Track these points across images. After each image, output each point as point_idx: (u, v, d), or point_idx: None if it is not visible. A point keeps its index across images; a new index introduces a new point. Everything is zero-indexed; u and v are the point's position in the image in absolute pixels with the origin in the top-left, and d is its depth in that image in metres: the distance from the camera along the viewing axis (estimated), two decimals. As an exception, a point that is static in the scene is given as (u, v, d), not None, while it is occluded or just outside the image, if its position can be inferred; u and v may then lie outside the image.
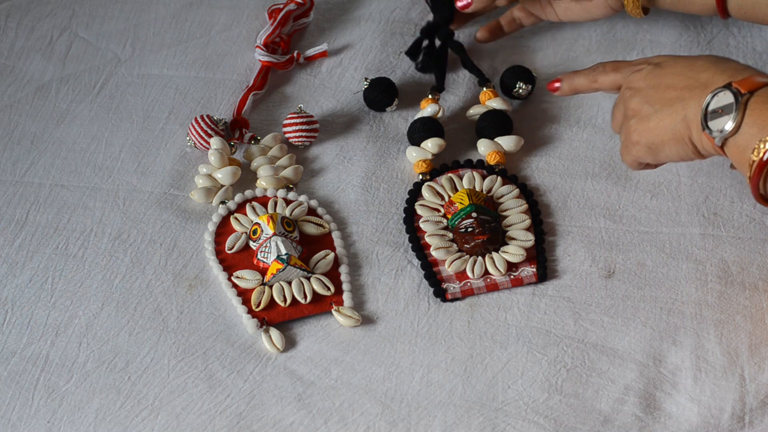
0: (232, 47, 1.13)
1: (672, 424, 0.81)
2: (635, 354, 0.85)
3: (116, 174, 1.01)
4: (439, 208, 0.96)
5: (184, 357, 0.86)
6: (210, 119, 1.02)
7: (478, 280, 0.91)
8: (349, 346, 0.87)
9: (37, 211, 0.97)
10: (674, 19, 1.13)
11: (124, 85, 1.10)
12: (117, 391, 0.84)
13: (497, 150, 1.00)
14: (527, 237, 0.93)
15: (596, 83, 0.92)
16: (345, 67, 1.11)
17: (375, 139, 1.03)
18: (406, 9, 1.16)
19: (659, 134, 0.82)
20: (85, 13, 1.18)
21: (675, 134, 0.81)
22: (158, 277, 0.92)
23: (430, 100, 1.04)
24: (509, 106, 1.03)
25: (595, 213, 0.95)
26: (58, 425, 0.82)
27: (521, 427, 0.81)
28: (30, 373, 0.86)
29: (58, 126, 1.06)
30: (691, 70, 0.81)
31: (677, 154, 0.82)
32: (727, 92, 0.77)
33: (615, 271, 0.91)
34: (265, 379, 0.85)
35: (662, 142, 0.82)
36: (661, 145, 0.83)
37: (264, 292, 0.90)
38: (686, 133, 0.80)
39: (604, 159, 1.00)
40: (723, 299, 0.88)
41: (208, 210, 0.97)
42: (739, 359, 0.84)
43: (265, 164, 1.00)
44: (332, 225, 0.96)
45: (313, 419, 0.82)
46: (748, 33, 1.11)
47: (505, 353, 0.85)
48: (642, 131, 0.83)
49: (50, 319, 0.89)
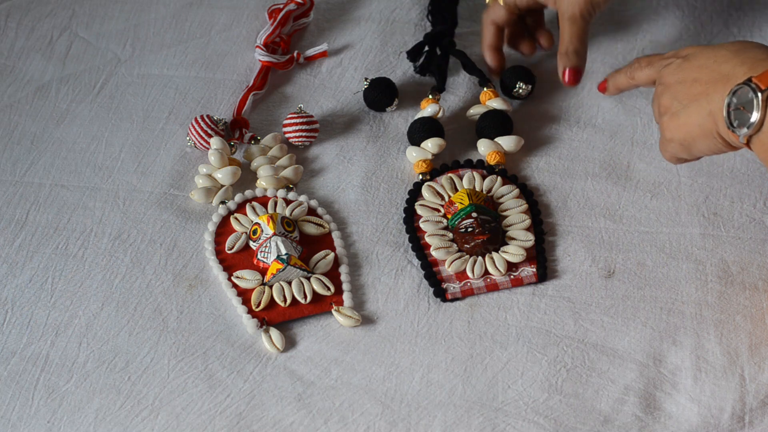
0: (232, 47, 1.13)
1: (672, 424, 0.81)
2: (635, 354, 0.85)
3: (116, 174, 1.01)
4: (439, 208, 0.96)
5: (184, 357, 0.86)
6: (210, 119, 1.02)
7: (478, 280, 0.91)
8: (349, 346, 0.87)
9: (37, 211, 0.98)
10: (675, 19, 1.13)
11: (124, 85, 1.10)
12: (117, 391, 0.84)
13: (497, 150, 1.00)
14: (527, 237, 0.93)
15: (634, 80, 0.92)
16: (345, 67, 1.11)
17: (375, 139, 1.03)
18: (406, 9, 1.17)
19: (690, 130, 0.82)
20: (85, 13, 1.18)
21: (704, 130, 0.81)
22: (158, 277, 0.92)
23: (430, 100, 1.04)
24: (509, 106, 1.03)
25: (595, 213, 0.95)
26: (58, 425, 0.82)
27: (521, 427, 0.81)
28: (30, 373, 0.86)
29: (58, 126, 1.06)
30: (715, 62, 0.81)
31: (710, 148, 0.83)
32: (747, 88, 0.76)
33: (615, 271, 0.91)
34: (265, 379, 0.85)
35: (693, 138, 0.82)
36: (692, 141, 0.83)
37: (264, 292, 0.90)
38: (714, 128, 0.80)
39: (604, 159, 1.00)
40: (723, 299, 0.88)
41: (208, 210, 0.97)
42: (739, 359, 0.84)
43: (265, 164, 1.00)
44: (332, 225, 0.96)
45: (313, 419, 0.82)
46: (748, 33, 1.11)
47: (505, 353, 0.85)
48: (674, 128, 0.84)
49: (50, 319, 0.89)
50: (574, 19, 1.01)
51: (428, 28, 1.13)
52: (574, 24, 1.01)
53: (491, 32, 1.07)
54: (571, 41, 1.01)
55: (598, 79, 1.05)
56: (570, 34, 1.01)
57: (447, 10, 1.14)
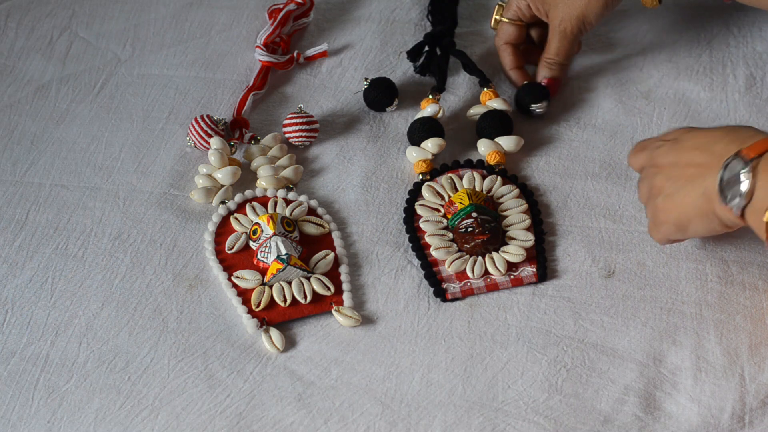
0: (232, 47, 1.13)
1: (672, 424, 0.81)
2: (635, 354, 0.85)
3: (116, 174, 1.01)
4: (439, 208, 0.96)
5: (184, 357, 0.86)
6: (210, 119, 1.02)
7: (478, 280, 0.91)
8: (349, 346, 0.87)
9: (37, 211, 0.97)
10: (675, 20, 1.13)
11: (124, 85, 1.10)
12: (117, 391, 0.84)
13: (497, 150, 1.00)
14: (527, 237, 0.93)
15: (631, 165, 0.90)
16: (345, 67, 1.11)
17: (375, 139, 1.03)
18: (406, 9, 1.17)
19: (685, 211, 0.81)
20: (85, 13, 1.18)
21: (700, 210, 0.80)
22: (158, 277, 0.92)
23: (430, 100, 1.04)
24: (509, 106, 1.03)
25: (595, 213, 0.95)
26: (58, 425, 0.82)
27: (521, 427, 0.81)
28: (30, 373, 0.86)
29: (58, 126, 1.06)
30: (707, 143, 0.80)
31: (705, 229, 0.81)
32: (738, 160, 0.76)
33: (615, 271, 0.91)
34: (265, 379, 0.85)
35: (689, 219, 0.81)
36: (687, 222, 0.81)
37: (264, 292, 0.90)
38: (710, 207, 0.79)
39: (604, 159, 1.00)
40: (723, 299, 0.88)
41: (208, 210, 0.97)
42: (739, 359, 0.84)
43: (265, 164, 1.00)
44: (332, 225, 0.96)
45: (313, 419, 0.82)
46: (748, 33, 1.11)
47: (505, 353, 0.85)
48: (668, 210, 0.82)
49: (50, 319, 0.89)
50: (564, 34, 1.03)
51: (428, 28, 1.13)
52: (564, 39, 1.03)
53: (508, 53, 1.07)
54: (557, 53, 1.04)
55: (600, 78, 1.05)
56: (557, 47, 1.04)
57: (447, 10, 1.14)
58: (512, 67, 1.07)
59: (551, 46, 1.04)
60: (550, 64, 1.04)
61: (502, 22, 1.07)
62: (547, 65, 1.04)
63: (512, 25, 1.06)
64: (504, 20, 1.06)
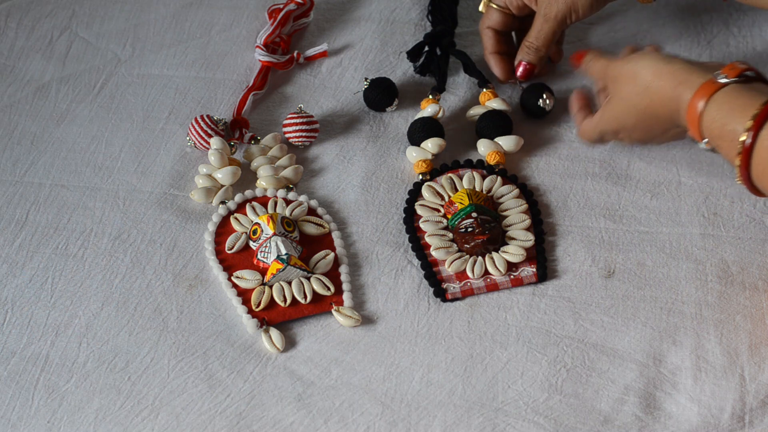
0: (232, 47, 1.13)
1: (672, 424, 0.81)
2: (635, 354, 0.85)
3: (116, 174, 1.01)
4: (439, 208, 0.96)
5: (184, 357, 0.86)
6: (210, 119, 1.02)
7: (478, 280, 0.91)
8: (349, 346, 0.87)
9: (37, 211, 0.98)
10: (675, 19, 1.13)
11: (124, 85, 1.10)
12: (117, 391, 0.84)
13: (497, 150, 1.00)
14: (527, 237, 0.93)
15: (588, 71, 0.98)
16: (345, 67, 1.11)
17: (375, 139, 1.03)
18: (406, 9, 1.17)
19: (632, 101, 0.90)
20: (85, 13, 1.18)
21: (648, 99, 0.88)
22: (158, 277, 0.92)
23: (430, 100, 1.04)
24: (509, 106, 1.03)
25: (595, 213, 0.95)
26: (58, 425, 0.82)
27: (521, 427, 0.81)
28: (30, 373, 0.86)
29: (58, 126, 1.06)
30: None
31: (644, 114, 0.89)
32: None
33: (615, 271, 0.91)
34: (265, 379, 0.85)
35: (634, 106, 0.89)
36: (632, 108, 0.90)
37: (264, 292, 0.90)
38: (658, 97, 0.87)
39: (604, 159, 1.00)
40: (723, 299, 0.88)
41: (208, 210, 0.97)
42: (739, 359, 0.84)
43: (265, 164, 1.00)
44: (332, 225, 0.96)
45: (313, 419, 0.82)
46: (748, 33, 1.11)
47: (505, 353, 0.85)
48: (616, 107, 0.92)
49: (50, 319, 0.89)
50: (547, 18, 1.02)
51: (428, 28, 1.13)
52: (546, 23, 1.03)
53: (489, 37, 1.07)
54: (537, 38, 1.04)
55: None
56: (538, 31, 1.03)
57: (447, 10, 1.14)
58: (492, 51, 1.07)
59: (533, 30, 1.04)
60: (528, 47, 1.04)
61: (491, 7, 1.06)
62: (525, 48, 1.04)
63: (499, 12, 1.06)
64: (493, 6, 1.06)
